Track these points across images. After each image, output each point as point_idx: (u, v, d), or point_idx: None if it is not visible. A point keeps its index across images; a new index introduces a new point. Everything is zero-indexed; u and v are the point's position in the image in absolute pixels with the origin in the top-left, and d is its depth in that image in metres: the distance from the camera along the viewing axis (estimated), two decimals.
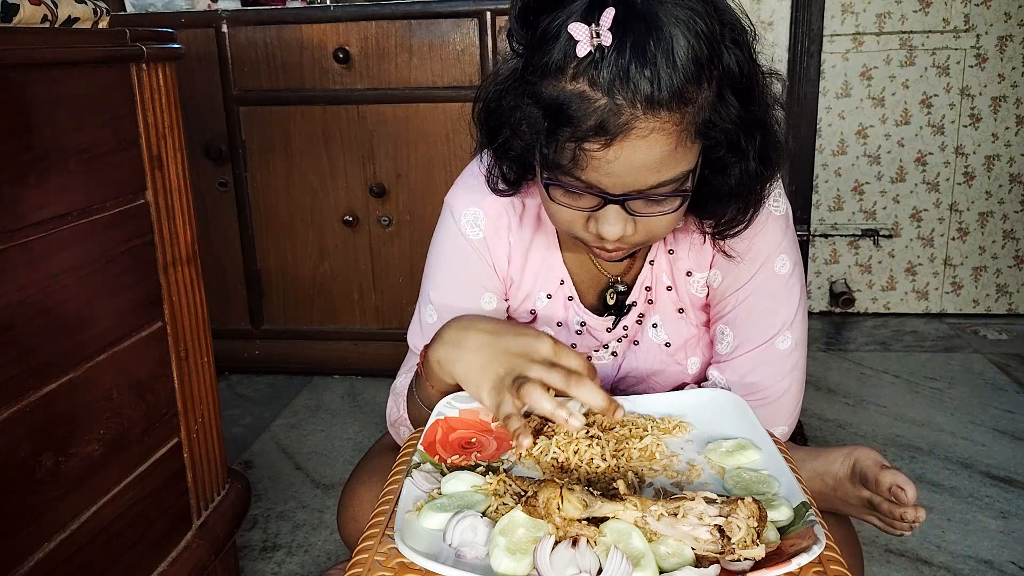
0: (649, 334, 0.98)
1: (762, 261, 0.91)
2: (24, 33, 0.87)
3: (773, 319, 0.92)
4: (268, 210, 2.12)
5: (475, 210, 0.94)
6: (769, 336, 0.93)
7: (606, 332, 0.98)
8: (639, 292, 0.96)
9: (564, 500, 0.60)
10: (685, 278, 0.95)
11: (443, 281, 0.96)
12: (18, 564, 0.83)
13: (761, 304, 0.92)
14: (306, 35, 1.98)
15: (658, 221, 0.78)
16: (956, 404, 1.95)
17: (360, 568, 0.62)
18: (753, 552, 0.57)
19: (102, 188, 0.96)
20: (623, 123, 0.69)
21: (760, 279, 0.92)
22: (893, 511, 0.85)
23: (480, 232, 0.94)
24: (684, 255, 0.94)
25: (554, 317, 0.98)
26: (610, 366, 1.01)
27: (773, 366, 0.93)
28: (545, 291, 0.97)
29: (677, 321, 0.97)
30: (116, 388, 0.99)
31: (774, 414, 0.95)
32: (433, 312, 0.97)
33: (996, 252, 2.51)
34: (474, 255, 0.95)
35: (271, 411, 2.04)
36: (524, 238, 0.95)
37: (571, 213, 0.79)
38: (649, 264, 0.95)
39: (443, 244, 0.97)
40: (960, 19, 2.35)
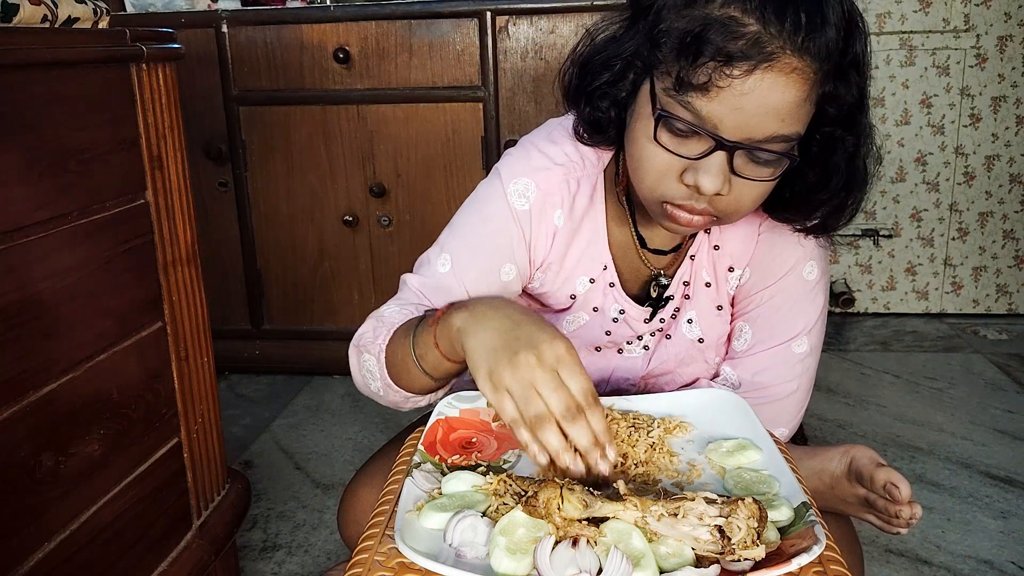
0: (683, 329, 0.97)
1: (792, 264, 0.92)
2: (24, 33, 0.87)
3: (794, 323, 0.93)
4: (268, 210, 2.12)
5: (527, 181, 0.90)
6: (787, 338, 0.93)
7: (643, 323, 0.97)
8: (677, 286, 0.96)
9: (564, 500, 0.60)
10: (727, 274, 0.95)
11: (470, 238, 0.92)
12: (18, 564, 0.83)
13: (785, 306, 0.93)
14: (306, 35, 1.98)
15: (752, 189, 0.77)
16: (956, 404, 1.95)
17: (360, 568, 0.62)
18: (753, 552, 0.57)
19: (102, 188, 0.96)
20: (771, 52, 0.69)
21: (788, 281, 0.92)
22: (889, 508, 0.84)
23: (527, 204, 0.90)
24: (729, 251, 0.94)
25: (592, 302, 0.96)
26: (641, 359, 1.00)
27: (785, 368, 0.94)
28: (588, 275, 0.94)
29: (714, 318, 0.96)
30: (116, 388, 0.98)
31: (777, 414, 0.95)
32: (447, 261, 0.91)
33: (996, 252, 2.51)
34: (515, 225, 0.90)
35: (271, 411, 2.04)
36: (574, 220, 0.92)
37: (668, 161, 0.76)
38: (690, 259, 0.94)
39: (482, 203, 0.92)
40: (960, 19, 2.35)
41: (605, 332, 0.98)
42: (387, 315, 0.91)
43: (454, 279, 0.90)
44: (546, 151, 0.91)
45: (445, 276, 0.90)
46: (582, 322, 0.98)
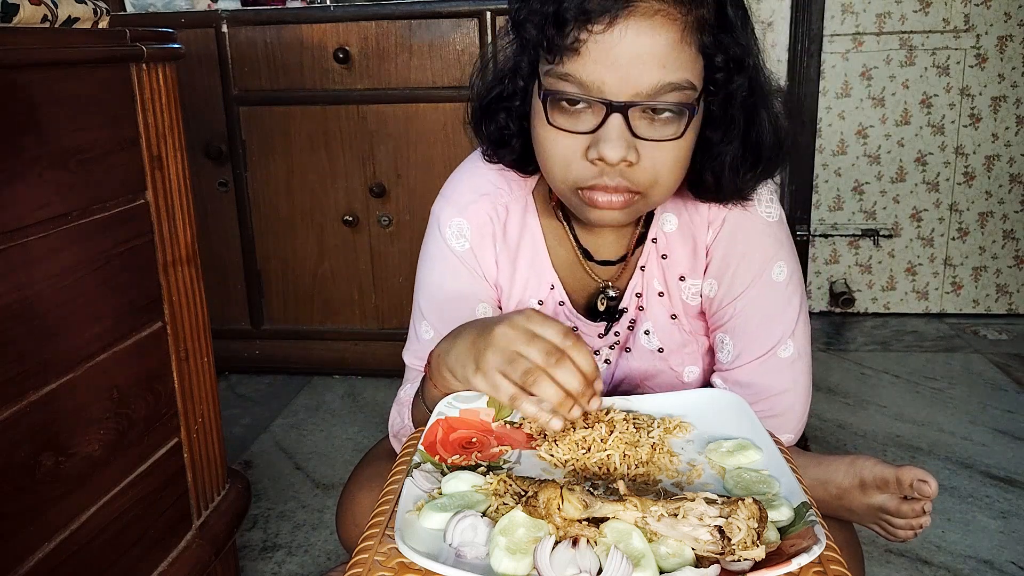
0: (641, 340, 0.96)
1: (758, 270, 0.89)
2: (24, 33, 0.87)
3: (773, 329, 0.90)
4: (268, 210, 2.12)
5: (459, 221, 0.93)
6: (770, 347, 0.90)
7: (598, 338, 0.96)
8: (630, 298, 0.95)
9: (564, 500, 0.60)
10: (678, 283, 0.93)
11: (435, 296, 0.95)
12: (18, 564, 0.83)
13: (760, 313, 0.90)
14: (306, 35, 1.98)
15: (662, 153, 0.76)
16: (956, 404, 1.96)
17: (360, 568, 0.62)
18: (753, 553, 0.57)
19: (102, 188, 0.96)
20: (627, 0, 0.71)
21: (758, 288, 0.89)
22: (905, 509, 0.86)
23: (466, 243, 0.93)
24: (677, 260, 0.92)
25: None
26: (604, 374, 0.99)
27: (776, 375, 0.91)
28: (536, 297, 0.95)
29: (670, 327, 0.95)
30: (116, 388, 0.98)
31: (779, 424, 0.93)
32: (430, 328, 0.96)
33: (996, 252, 2.51)
34: (463, 268, 0.94)
35: (271, 411, 2.04)
36: (511, 244, 0.94)
37: (569, 143, 0.76)
38: (640, 270, 0.93)
39: (432, 260, 0.96)
40: (960, 19, 2.35)
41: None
42: (404, 396, 0.96)
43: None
44: (470, 184, 0.94)
45: (432, 342, 0.92)
46: None
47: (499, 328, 0.71)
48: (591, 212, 0.80)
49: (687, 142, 0.77)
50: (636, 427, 0.78)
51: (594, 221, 0.82)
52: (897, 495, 0.87)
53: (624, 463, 0.74)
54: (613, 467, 0.73)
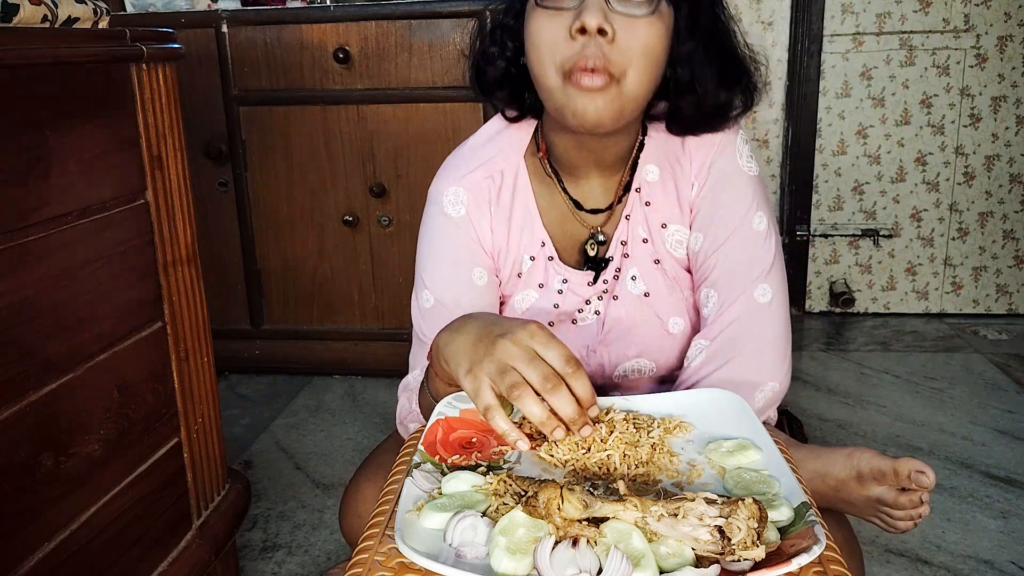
0: (628, 286, 1.00)
1: (739, 219, 0.95)
2: (24, 33, 0.87)
3: (750, 271, 0.95)
4: (268, 210, 2.12)
5: (455, 188, 0.99)
6: (748, 287, 0.94)
7: (587, 287, 1.00)
8: (615, 247, 1.00)
9: (564, 500, 0.60)
10: (660, 230, 0.99)
11: (434, 263, 1.00)
12: (18, 564, 0.83)
13: (739, 260, 0.95)
14: (306, 35, 1.98)
15: (635, 32, 0.83)
16: (956, 404, 1.96)
17: (360, 568, 0.62)
18: (753, 553, 0.57)
19: (102, 188, 0.96)
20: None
21: (739, 236, 0.95)
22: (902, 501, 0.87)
23: (463, 208, 0.99)
24: (659, 207, 0.98)
25: (536, 279, 1.01)
26: (595, 326, 1.02)
27: (754, 319, 0.94)
28: (528, 253, 1.00)
29: (654, 272, 1.00)
30: (116, 388, 0.99)
31: (760, 367, 0.94)
32: (429, 296, 1.00)
33: (996, 252, 2.51)
34: (459, 233, 0.99)
35: (271, 411, 2.04)
36: (504, 208, 0.99)
37: (555, 26, 0.84)
38: (625, 219, 0.99)
39: (430, 228, 1.01)
40: (960, 19, 2.35)
41: (553, 305, 1.01)
42: (411, 382, 1.00)
43: (440, 307, 0.99)
44: (465, 156, 1.01)
45: (433, 309, 0.99)
46: (531, 300, 1.02)
47: (502, 341, 0.72)
48: (575, 100, 0.84)
49: (657, 28, 0.84)
50: (636, 427, 0.78)
51: (580, 111, 0.85)
52: (895, 487, 0.88)
53: (624, 463, 0.74)
54: (613, 467, 0.73)
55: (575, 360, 0.72)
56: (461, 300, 0.98)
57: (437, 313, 0.98)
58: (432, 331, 0.96)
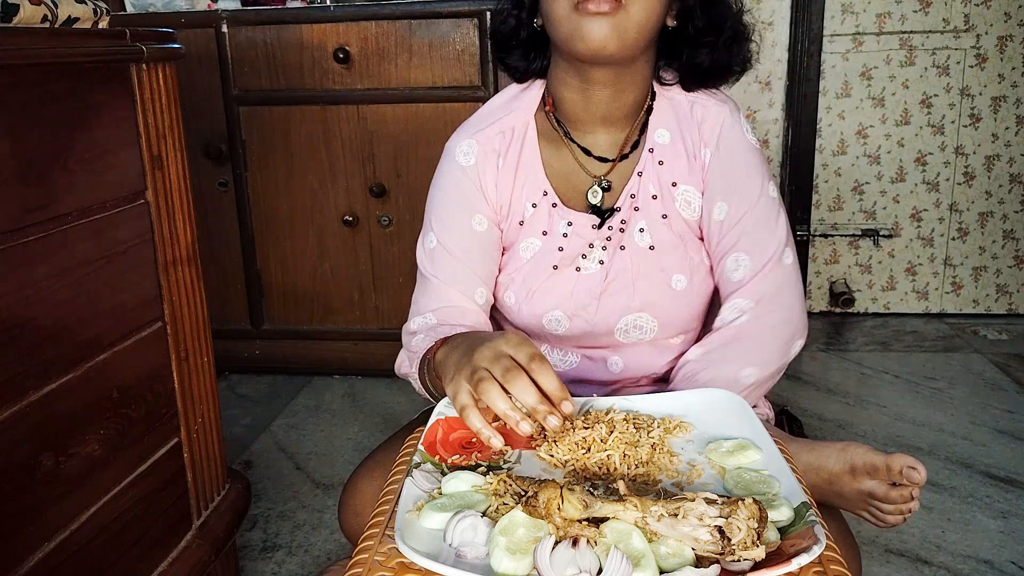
0: (635, 238, 1.04)
1: (759, 188, 1.03)
2: (24, 33, 0.87)
3: (775, 238, 1.03)
4: (268, 210, 2.12)
5: (469, 141, 1.07)
6: (776, 251, 1.02)
7: (591, 230, 1.04)
8: (624, 199, 1.04)
9: (564, 500, 0.60)
10: (671, 188, 1.04)
11: (440, 205, 1.07)
12: (18, 564, 0.83)
13: (766, 227, 1.03)
14: (306, 35, 1.98)
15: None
16: (956, 404, 1.96)
17: (360, 568, 0.62)
18: (753, 553, 0.57)
19: (102, 188, 0.96)
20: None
21: (762, 203, 1.03)
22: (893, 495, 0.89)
23: (472, 159, 1.06)
24: (671, 167, 1.04)
25: (539, 225, 1.05)
26: (598, 275, 1.05)
27: (783, 279, 1.03)
28: (531, 201, 1.05)
29: (661, 226, 1.04)
30: (116, 388, 0.99)
31: (794, 326, 1.03)
32: (434, 237, 1.07)
33: (996, 252, 2.51)
34: (466, 180, 1.06)
35: (271, 411, 2.04)
36: (511, 161, 1.06)
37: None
38: (637, 175, 1.04)
39: (441, 174, 1.09)
40: (960, 19, 2.35)
41: (559, 248, 1.05)
42: (414, 345, 1.04)
43: (442, 249, 1.06)
44: (480, 115, 1.10)
45: (436, 250, 1.06)
46: (536, 248, 1.06)
47: (479, 350, 0.78)
48: (583, 26, 0.91)
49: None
50: (636, 427, 0.78)
51: (588, 35, 0.91)
52: (886, 481, 0.89)
53: (624, 463, 0.74)
54: (613, 467, 0.73)
55: (540, 357, 0.76)
56: (460, 243, 1.05)
57: (439, 254, 1.06)
58: (434, 268, 1.06)
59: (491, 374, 0.75)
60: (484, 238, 1.06)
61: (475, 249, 1.05)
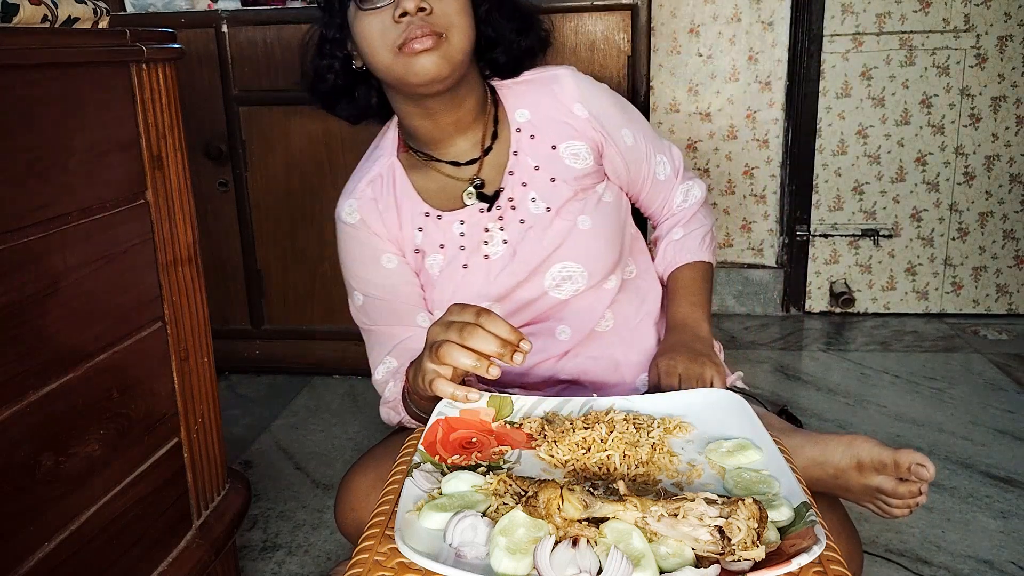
0: (531, 208, 1.09)
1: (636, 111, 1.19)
2: (24, 33, 0.87)
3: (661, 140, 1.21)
4: (268, 210, 2.12)
5: (349, 202, 1.12)
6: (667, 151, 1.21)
7: (482, 215, 1.09)
8: (505, 179, 1.09)
9: (564, 500, 0.60)
10: (551, 152, 1.10)
11: (350, 266, 1.14)
12: (18, 564, 0.83)
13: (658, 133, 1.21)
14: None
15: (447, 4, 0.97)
16: (956, 404, 1.96)
17: (360, 568, 0.62)
18: (753, 553, 0.57)
19: (102, 188, 0.96)
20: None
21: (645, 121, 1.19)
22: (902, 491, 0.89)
23: (356, 215, 1.11)
24: (545, 135, 1.10)
25: (434, 240, 1.10)
26: (507, 255, 1.08)
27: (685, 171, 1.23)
28: (416, 226, 1.11)
29: (551, 188, 1.09)
30: (116, 388, 0.99)
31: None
32: (358, 295, 1.14)
33: (996, 252, 2.51)
34: (359, 234, 1.12)
35: (271, 411, 2.04)
36: (388, 201, 1.11)
37: (380, 20, 0.97)
38: (514, 155, 1.10)
39: (340, 241, 1.15)
40: (960, 19, 2.35)
41: (460, 247, 1.09)
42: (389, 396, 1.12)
43: (369, 300, 1.13)
44: (353, 176, 1.15)
45: (364, 303, 1.14)
46: (440, 261, 1.10)
47: (430, 331, 0.84)
48: (414, 64, 0.97)
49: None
50: (636, 427, 0.78)
51: (420, 72, 0.97)
52: (894, 477, 0.89)
53: (624, 463, 0.74)
54: (613, 467, 0.73)
55: (486, 311, 0.80)
56: (381, 285, 1.11)
57: (369, 305, 1.13)
58: (371, 319, 1.14)
59: (448, 339, 0.80)
60: (398, 272, 1.11)
61: (396, 283, 1.11)
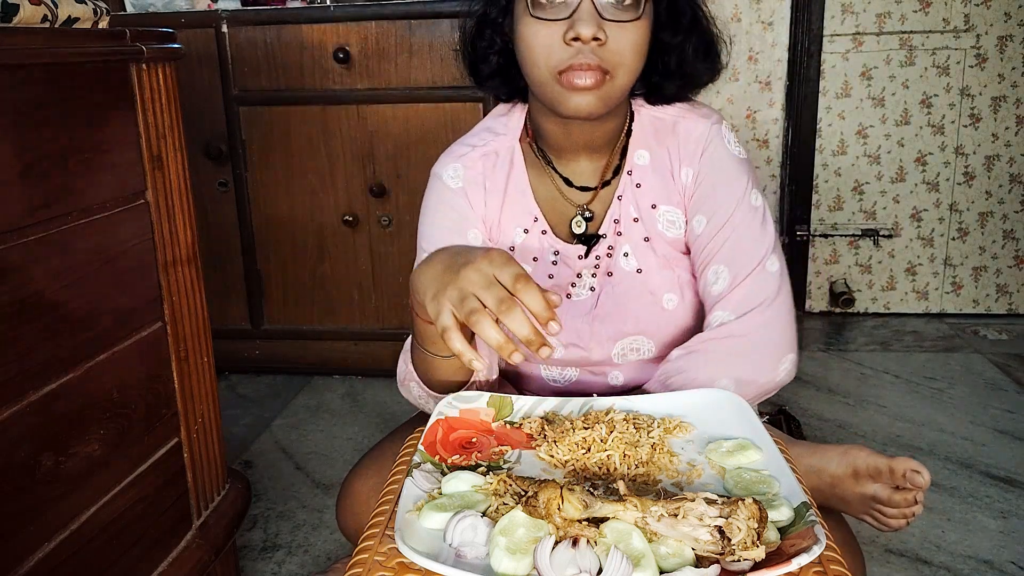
0: (621, 263, 1.04)
1: (738, 198, 1.00)
2: (24, 33, 0.87)
3: (759, 246, 0.99)
4: (268, 210, 2.12)
5: (455, 165, 1.06)
6: (759, 259, 0.98)
7: (578, 260, 1.04)
8: (608, 225, 1.04)
9: (564, 500, 0.60)
10: (651, 211, 1.03)
11: (432, 229, 1.06)
12: (18, 564, 0.83)
13: (747, 235, 0.99)
14: (306, 35, 1.98)
15: (626, 35, 0.89)
16: (956, 404, 1.96)
17: (360, 568, 0.62)
18: (753, 553, 0.57)
19: (102, 188, 0.96)
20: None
21: (741, 213, 0.99)
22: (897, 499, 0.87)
23: (460, 181, 1.05)
24: (650, 189, 1.03)
25: (530, 251, 1.05)
26: (589, 300, 1.05)
27: (765, 286, 0.97)
28: (521, 227, 1.05)
29: (645, 249, 1.03)
30: (116, 388, 0.98)
31: (780, 339, 0.96)
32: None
33: (996, 252, 2.51)
34: (457, 200, 1.05)
35: (271, 411, 2.04)
36: (498, 185, 1.05)
37: (549, 31, 0.89)
38: (617, 199, 1.03)
39: (430, 199, 1.08)
40: (960, 19, 2.35)
41: (548, 276, 1.05)
42: (407, 345, 1.00)
43: None
44: (464, 140, 1.09)
45: None
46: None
47: (465, 270, 0.74)
48: (570, 98, 0.91)
49: (644, 27, 0.91)
50: (636, 427, 0.78)
51: (572, 108, 0.91)
52: (889, 485, 0.89)
53: (624, 463, 0.74)
54: (613, 467, 0.73)
55: (526, 276, 0.73)
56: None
57: None
58: None
59: (483, 303, 0.72)
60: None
61: None
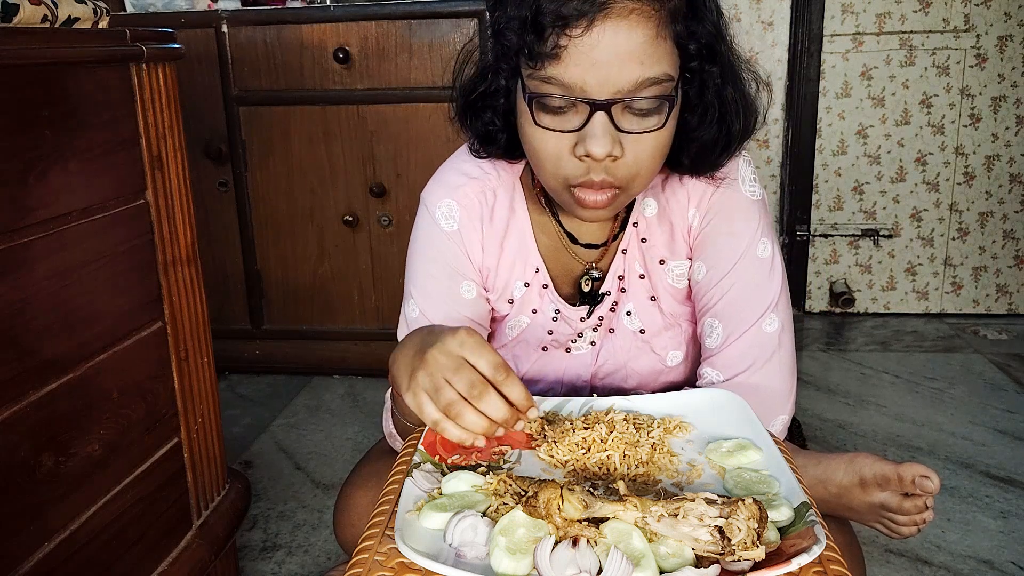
0: (624, 321, 0.98)
1: (744, 248, 0.91)
2: (24, 33, 0.87)
3: (759, 303, 0.91)
4: (268, 210, 2.12)
5: (449, 202, 0.96)
6: (755, 319, 0.91)
7: (580, 321, 0.98)
8: (612, 281, 0.97)
9: (564, 500, 0.60)
10: (658, 266, 0.96)
11: (422, 274, 0.97)
12: (18, 564, 0.83)
13: (747, 290, 0.91)
14: (306, 35, 1.98)
15: (645, 145, 0.78)
16: (956, 404, 1.95)
17: (360, 568, 0.62)
18: (753, 553, 0.57)
19: (102, 188, 0.96)
20: (603, 2, 0.73)
21: (744, 265, 0.91)
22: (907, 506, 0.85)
23: (455, 224, 0.95)
24: (657, 243, 0.95)
25: (530, 304, 0.99)
26: (589, 355, 1.01)
27: (761, 349, 0.91)
28: (521, 279, 0.97)
29: (650, 308, 0.97)
30: (116, 388, 0.98)
31: (771, 401, 0.92)
32: (415, 306, 0.97)
33: (996, 252, 2.51)
34: (450, 245, 0.96)
35: (271, 411, 2.04)
36: (498, 228, 0.96)
37: (557, 142, 0.79)
38: (622, 253, 0.96)
39: (420, 238, 0.99)
40: (960, 19, 2.35)
41: (547, 332, 0.99)
42: (387, 403, 0.97)
43: (425, 320, 0.95)
44: (460, 169, 0.97)
45: (418, 320, 0.96)
46: (524, 325, 1.00)
47: (431, 352, 0.70)
48: (580, 210, 0.83)
49: (668, 131, 0.80)
50: (636, 427, 0.78)
51: (583, 218, 0.85)
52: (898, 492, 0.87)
53: (624, 463, 0.74)
54: (613, 467, 0.73)
55: (506, 367, 0.69)
56: (446, 314, 0.95)
57: (418, 325, 0.94)
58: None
59: (457, 392, 0.67)
60: (472, 307, 0.96)
61: (465, 317, 0.96)
